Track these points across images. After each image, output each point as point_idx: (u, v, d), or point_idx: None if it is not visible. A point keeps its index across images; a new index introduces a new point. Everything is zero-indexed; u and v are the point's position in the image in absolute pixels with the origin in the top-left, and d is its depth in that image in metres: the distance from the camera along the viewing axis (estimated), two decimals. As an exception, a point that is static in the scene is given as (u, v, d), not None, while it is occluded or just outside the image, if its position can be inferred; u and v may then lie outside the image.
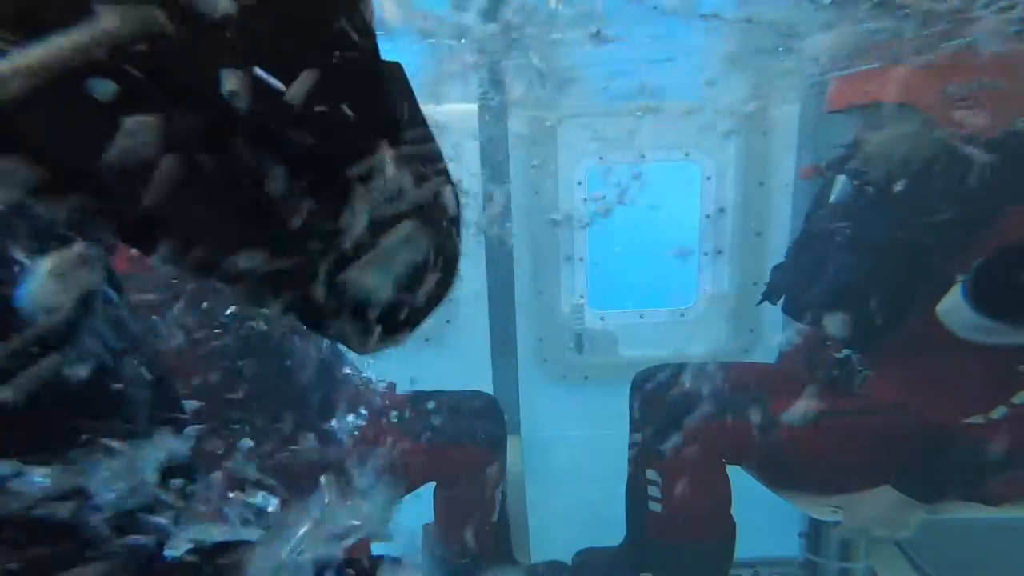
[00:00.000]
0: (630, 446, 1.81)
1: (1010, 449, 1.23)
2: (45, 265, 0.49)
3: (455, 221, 0.45)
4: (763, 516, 1.55)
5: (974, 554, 1.58)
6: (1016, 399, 1.21)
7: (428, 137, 0.42)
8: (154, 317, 1.21)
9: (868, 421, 1.41)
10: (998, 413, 1.22)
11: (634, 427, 1.82)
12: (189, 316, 1.25)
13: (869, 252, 1.40)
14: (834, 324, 1.44)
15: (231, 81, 0.30)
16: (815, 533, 1.74)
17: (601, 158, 2.25)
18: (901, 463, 1.34)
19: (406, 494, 1.53)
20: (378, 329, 0.42)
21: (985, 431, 1.22)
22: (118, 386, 0.60)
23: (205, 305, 1.28)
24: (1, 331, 0.46)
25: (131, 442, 0.58)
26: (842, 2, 1.41)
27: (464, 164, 2.12)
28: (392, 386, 1.77)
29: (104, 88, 0.29)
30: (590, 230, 2.33)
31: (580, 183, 2.27)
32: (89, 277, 0.44)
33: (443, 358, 2.39)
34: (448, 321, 2.37)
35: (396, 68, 0.41)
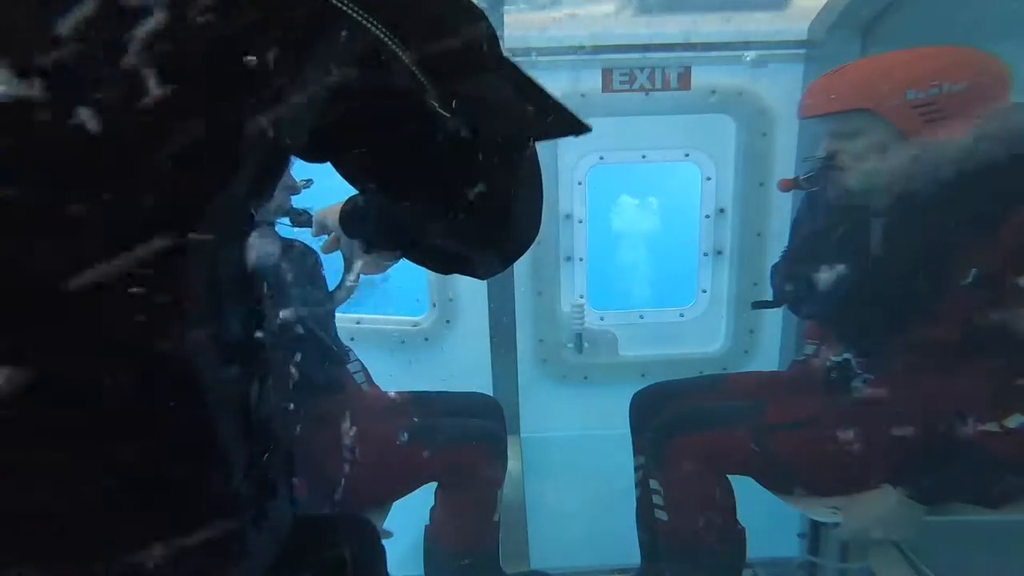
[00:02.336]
0: (636, 468, 1.81)
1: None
2: None
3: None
4: (762, 516, 1.55)
5: (974, 555, 1.58)
6: None
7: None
8: None
9: (868, 423, 1.41)
10: (1014, 422, 1.21)
11: (637, 449, 1.81)
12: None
13: (869, 256, 1.40)
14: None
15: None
16: (814, 534, 1.74)
17: (602, 158, 2.25)
18: (902, 464, 1.33)
19: (406, 494, 1.53)
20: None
21: (999, 439, 1.21)
22: None
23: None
24: None
25: None
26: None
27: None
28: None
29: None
30: (590, 230, 2.33)
31: (580, 183, 2.27)
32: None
33: (443, 358, 2.39)
34: (448, 321, 2.37)
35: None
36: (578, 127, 0.62)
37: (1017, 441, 1.20)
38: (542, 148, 0.62)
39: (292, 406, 1.44)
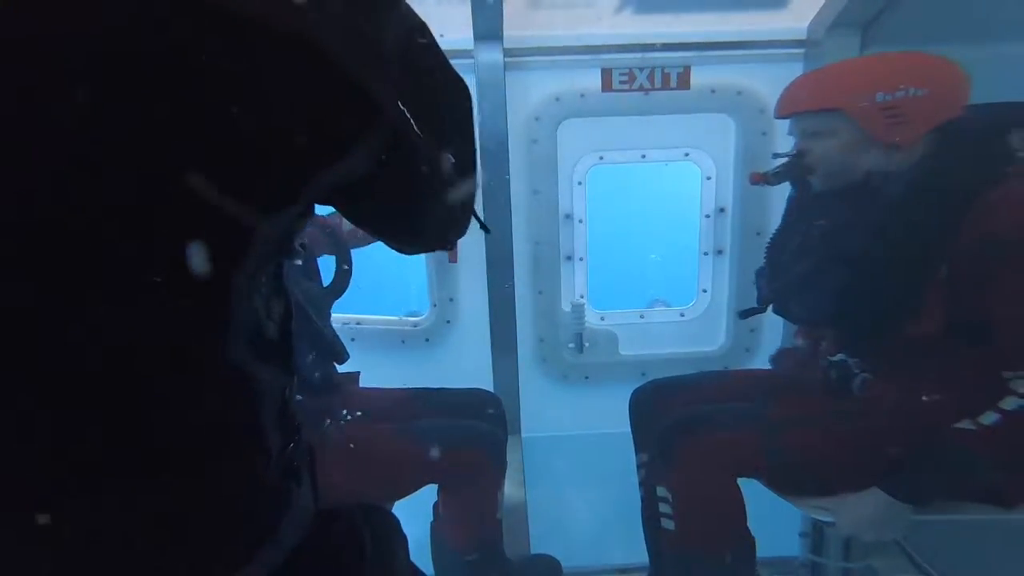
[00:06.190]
0: (638, 467, 1.80)
1: (1003, 454, 1.23)
2: None
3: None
4: (763, 516, 1.54)
5: (975, 554, 1.58)
6: (1005, 405, 1.20)
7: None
8: None
9: (866, 423, 1.40)
10: (989, 419, 1.21)
11: (638, 447, 1.81)
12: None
13: (847, 254, 1.41)
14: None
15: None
16: (816, 533, 1.74)
17: (602, 157, 2.25)
18: (887, 465, 1.33)
19: (406, 495, 1.53)
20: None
21: (975, 436, 1.21)
22: None
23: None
24: None
25: None
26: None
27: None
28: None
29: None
30: (590, 230, 2.34)
31: (580, 183, 2.27)
32: None
33: (443, 358, 2.40)
34: (448, 321, 2.37)
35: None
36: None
37: (992, 437, 1.20)
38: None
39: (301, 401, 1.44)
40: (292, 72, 0.50)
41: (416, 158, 0.61)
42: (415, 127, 0.60)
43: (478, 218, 0.79)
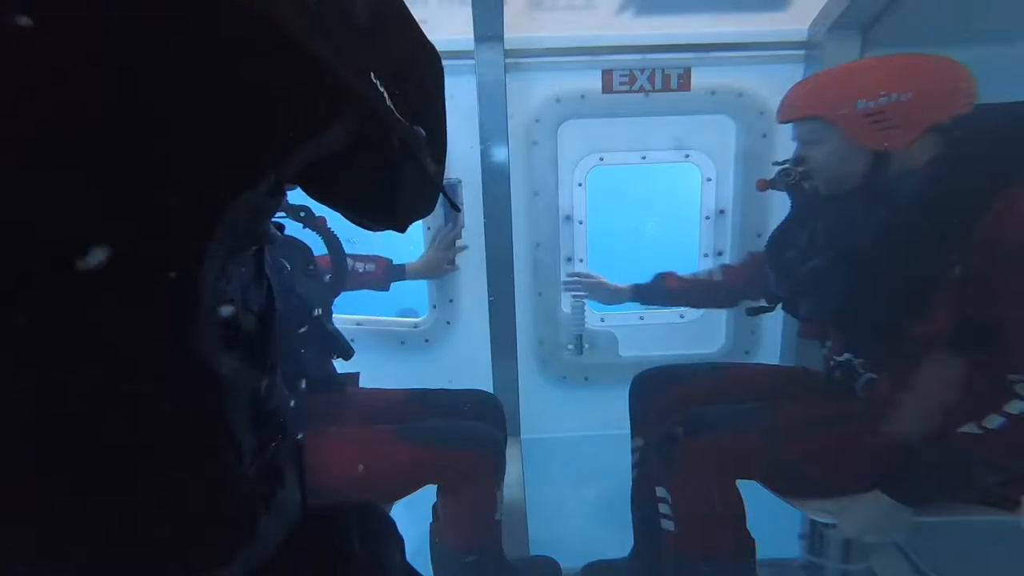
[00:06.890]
0: (632, 450, 1.81)
1: (1007, 458, 1.23)
2: None
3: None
4: (762, 517, 1.54)
5: (975, 556, 1.58)
6: (1010, 409, 1.20)
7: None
8: None
9: (869, 425, 1.40)
10: (993, 423, 1.21)
11: (635, 431, 1.81)
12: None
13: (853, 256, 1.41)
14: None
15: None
16: (816, 534, 1.74)
17: (602, 159, 2.25)
18: (890, 467, 1.33)
19: (407, 494, 1.53)
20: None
21: (980, 440, 1.21)
22: None
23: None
24: None
25: None
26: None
27: (465, 163, 2.12)
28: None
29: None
30: (590, 231, 2.34)
31: (580, 184, 2.27)
32: None
33: (443, 359, 2.39)
34: (448, 322, 2.37)
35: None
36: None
37: (996, 441, 1.20)
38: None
39: (297, 401, 1.44)
40: (264, 47, 0.48)
41: (389, 132, 0.60)
42: (388, 101, 0.59)
43: (448, 197, 0.78)
